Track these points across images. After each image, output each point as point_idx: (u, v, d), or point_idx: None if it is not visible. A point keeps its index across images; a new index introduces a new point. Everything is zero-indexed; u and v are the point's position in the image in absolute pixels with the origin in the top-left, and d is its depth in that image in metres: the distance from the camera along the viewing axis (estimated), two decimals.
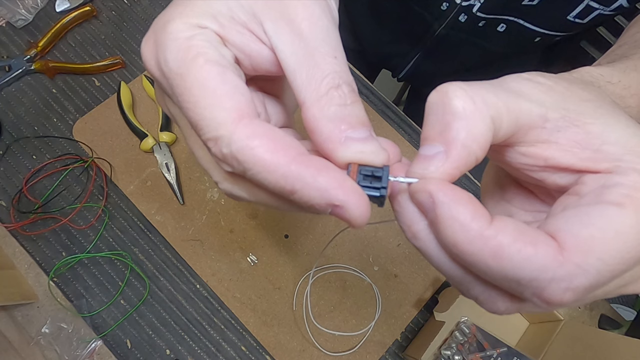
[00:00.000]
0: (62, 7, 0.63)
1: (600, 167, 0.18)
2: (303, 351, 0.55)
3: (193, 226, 0.57)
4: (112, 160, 0.58)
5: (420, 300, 0.58)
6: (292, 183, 0.17)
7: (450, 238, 0.17)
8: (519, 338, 0.58)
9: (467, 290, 0.19)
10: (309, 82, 0.19)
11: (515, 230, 0.16)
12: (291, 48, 0.19)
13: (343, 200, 0.17)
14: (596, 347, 0.47)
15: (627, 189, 0.17)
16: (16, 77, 0.59)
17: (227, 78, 0.18)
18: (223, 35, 0.19)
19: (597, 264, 0.16)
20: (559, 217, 0.18)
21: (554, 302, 0.16)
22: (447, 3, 0.58)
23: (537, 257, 0.16)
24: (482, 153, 0.18)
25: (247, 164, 0.17)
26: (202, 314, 0.55)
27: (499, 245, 0.16)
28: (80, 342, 0.52)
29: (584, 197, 0.18)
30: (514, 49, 0.64)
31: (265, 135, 0.18)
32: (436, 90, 0.18)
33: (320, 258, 0.58)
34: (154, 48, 0.20)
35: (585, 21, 0.54)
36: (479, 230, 0.16)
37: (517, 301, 0.18)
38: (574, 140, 0.18)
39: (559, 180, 0.19)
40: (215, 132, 0.18)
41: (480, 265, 0.17)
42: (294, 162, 0.17)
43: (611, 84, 0.25)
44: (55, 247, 0.55)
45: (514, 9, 0.55)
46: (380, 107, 0.66)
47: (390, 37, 0.73)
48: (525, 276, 0.16)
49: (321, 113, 0.18)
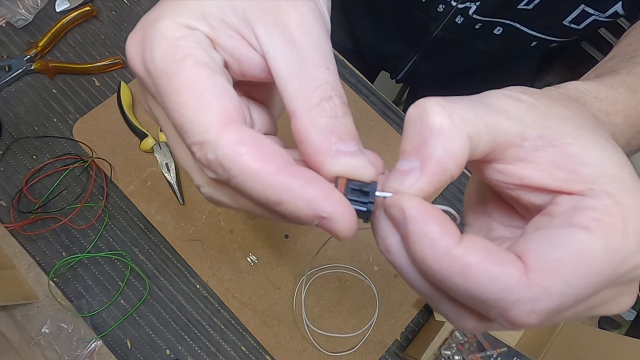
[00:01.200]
0: (62, 7, 0.63)
1: (574, 189, 0.18)
2: (303, 351, 0.55)
3: (193, 226, 0.57)
4: (112, 160, 0.58)
5: (420, 300, 0.58)
6: (278, 193, 0.17)
7: (419, 254, 0.17)
8: (519, 338, 0.58)
9: (437, 307, 0.19)
10: (300, 91, 0.18)
11: (483, 250, 0.16)
12: (283, 55, 0.19)
13: (330, 212, 0.17)
14: (596, 347, 0.47)
15: (597, 213, 0.17)
16: (16, 77, 0.59)
17: (216, 81, 0.18)
18: (213, 37, 0.19)
19: (562, 288, 0.16)
20: (529, 237, 0.18)
21: (518, 323, 0.17)
22: (443, 5, 0.58)
23: (502, 278, 0.16)
24: (458, 170, 0.18)
25: (232, 171, 0.17)
26: (202, 314, 0.55)
27: (466, 264, 0.16)
28: (80, 342, 0.52)
29: (556, 218, 0.18)
30: (511, 52, 0.64)
31: (253, 142, 0.17)
32: (415, 104, 0.18)
33: (321, 258, 0.58)
34: (140, 45, 0.19)
35: (580, 27, 0.54)
36: (447, 248, 0.16)
37: (485, 321, 0.18)
38: (551, 161, 0.18)
39: (534, 199, 0.19)
40: (200, 136, 0.17)
41: (447, 282, 0.17)
42: (281, 172, 0.17)
43: (598, 100, 0.25)
44: (55, 247, 0.55)
45: (510, 13, 0.55)
46: (380, 107, 0.66)
47: (388, 39, 0.73)
48: (490, 296, 0.16)
49: (312, 124, 0.18)
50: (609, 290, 0.18)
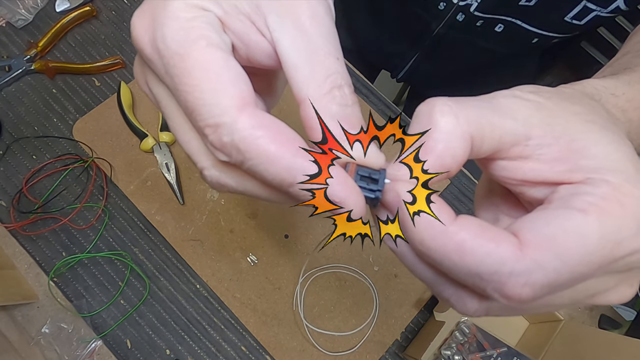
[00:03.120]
0: (62, 7, 0.63)
1: (574, 179, 0.18)
2: (303, 351, 0.55)
3: (193, 226, 0.57)
4: (112, 160, 0.58)
5: (420, 300, 0.58)
6: (294, 175, 0.17)
7: (417, 234, 0.18)
8: (519, 338, 0.58)
9: (440, 293, 0.20)
10: (311, 79, 0.19)
11: (478, 227, 0.17)
12: (294, 44, 0.19)
13: (343, 197, 0.18)
14: (596, 347, 0.47)
15: (594, 198, 0.17)
16: (16, 77, 0.59)
17: (231, 64, 0.18)
18: (224, 20, 0.19)
19: (555, 263, 0.16)
20: (525, 217, 0.18)
21: (513, 297, 0.17)
22: (444, 3, 0.58)
23: (497, 252, 0.17)
24: (456, 168, 0.18)
25: (249, 153, 0.17)
26: (202, 314, 0.55)
27: (461, 241, 0.17)
28: (80, 342, 0.52)
29: (552, 202, 0.18)
30: (512, 49, 0.64)
31: (269, 126, 0.18)
32: (425, 101, 0.19)
33: (320, 258, 0.58)
34: (150, 24, 0.19)
35: (582, 22, 0.54)
36: (443, 226, 0.17)
37: (485, 300, 0.19)
38: (554, 156, 0.18)
39: (537, 193, 0.20)
40: (216, 119, 0.17)
41: (445, 261, 0.17)
42: (298, 154, 0.17)
43: (615, 97, 0.25)
44: (55, 247, 0.55)
45: (511, 9, 0.55)
46: (380, 107, 0.66)
47: (388, 37, 0.73)
48: (486, 270, 0.17)
49: (323, 111, 0.18)
50: (607, 277, 0.18)
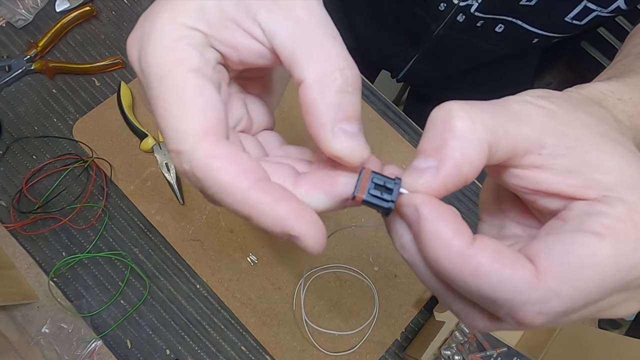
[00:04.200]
0: (62, 7, 0.63)
1: (589, 195, 0.18)
2: (303, 351, 0.55)
3: (193, 226, 0.57)
4: (112, 160, 0.58)
5: (420, 300, 0.58)
6: (249, 209, 0.17)
7: (432, 253, 0.17)
8: (519, 338, 0.58)
9: (449, 306, 0.20)
10: (311, 59, 0.18)
11: (495, 252, 0.17)
12: (288, 31, 0.18)
13: (299, 231, 0.17)
14: (596, 347, 0.47)
15: (609, 219, 0.17)
16: (16, 77, 0.59)
17: (205, 91, 0.18)
18: (210, 34, 0.19)
19: (571, 291, 0.16)
20: (541, 241, 0.18)
21: (526, 323, 0.17)
22: (445, 3, 0.58)
23: (513, 279, 0.16)
24: (473, 175, 0.18)
25: (206, 182, 0.17)
26: (202, 314, 0.55)
27: (478, 265, 0.16)
28: (80, 342, 0.52)
29: (568, 222, 0.18)
30: (512, 49, 0.64)
31: (227, 156, 0.17)
32: (440, 106, 0.18)
33: (320, 258, 0.58)
34: (139, 41, 0.19)
35: (583, 23, 0.54)
36: (460, 248, 0.17)
37: (496, 320, 0.18)
38: (568, 168, 0.18)
39: (549, 204, 0.19)
40: (178, 145, 0.17)
41: (459, 282, 0.17)
42: (253, 188, 0.17)
43: (621, 102, 0.25)
44: (55, 247, 0.55)
45: (512, 9, 0.55)
46: (380, 107, 0.66)
47: (388, 37, 0.73)
48: (500, 297, 0.16)
49: (320, 95, 0.18)
50: (617, 295, 0.18)
